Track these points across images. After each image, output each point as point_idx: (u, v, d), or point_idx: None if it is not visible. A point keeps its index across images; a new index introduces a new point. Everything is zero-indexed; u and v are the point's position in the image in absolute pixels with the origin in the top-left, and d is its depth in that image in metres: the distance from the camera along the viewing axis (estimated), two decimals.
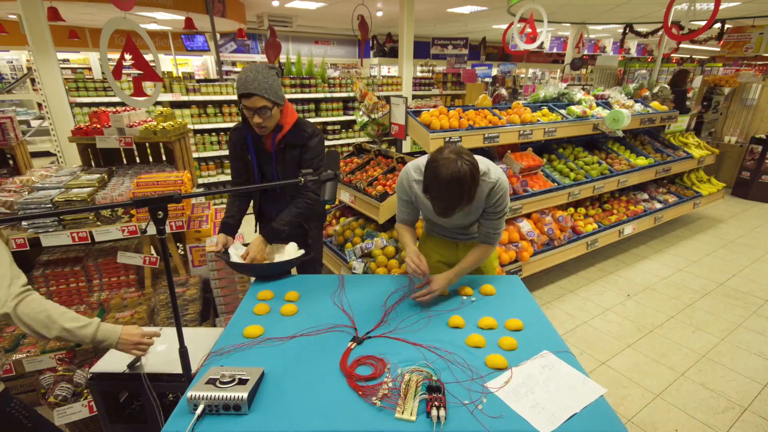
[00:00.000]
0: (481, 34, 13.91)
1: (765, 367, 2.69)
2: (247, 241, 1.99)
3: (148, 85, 3.39)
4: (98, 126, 2.83)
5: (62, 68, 8.29)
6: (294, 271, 2.20)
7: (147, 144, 3.17)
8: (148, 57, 3.45)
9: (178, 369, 1.45)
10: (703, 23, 4.27)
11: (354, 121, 6.28)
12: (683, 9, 4.50)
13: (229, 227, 2.02)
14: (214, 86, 5.05)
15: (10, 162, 2.98)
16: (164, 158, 3.32)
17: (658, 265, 4.11)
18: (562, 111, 3.95)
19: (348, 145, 6.40)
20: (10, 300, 1.18)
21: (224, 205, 2.18)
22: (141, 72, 3.23)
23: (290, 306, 1.59)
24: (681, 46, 12.96)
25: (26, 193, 2.18)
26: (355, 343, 1.36)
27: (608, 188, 3.94)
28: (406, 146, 4.29)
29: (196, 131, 5.08)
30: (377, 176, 3.09)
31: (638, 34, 9.15)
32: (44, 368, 2.05)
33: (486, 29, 12.92)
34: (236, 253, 1.87)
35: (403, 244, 1.79)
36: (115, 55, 11.74)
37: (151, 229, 2.21)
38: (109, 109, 3.26)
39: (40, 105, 8.83)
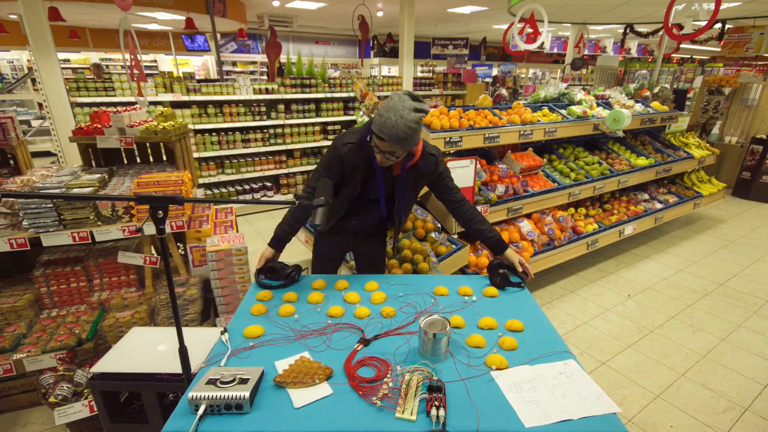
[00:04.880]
0: (481, 34, 13.92)
1: (765, 367, 2.69)
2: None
3: (147, 86, 3.39)
4: (99, 126, 2.83)
5: (63, 68, 8.30)
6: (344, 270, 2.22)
7: (147, 144, 3.17)
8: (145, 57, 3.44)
9: (178, 369, 1.45)
10: (704, 23, 4.27)
11: (354, 121, 6.28)
12: (683, 9, 4.50)
13: (279, 240, 1.86)
14: (214, 86, 5.06)
15: (11, 162, 2.99)
16: (165, 158, 3.32)
17: (658, 266, 4.11)
18: (563, 111, 3.95)
19: None
20: None
21: (229, 206, 2.04)
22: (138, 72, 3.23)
23: (289, 306, 1.59)
24: (681, 46, 12.95)
25: None
26: (361, 345, 1.36)
27: (609, 188, 3.94)
28: None
29: (196, 131, 5.08)
30: None
31: (639, 34, 9.16)
32: (44, 368, 2.05)
33: (486, 29, 12.93)
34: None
35: None
36: (114, 56, 11.76)
37: (150, 229, 2.21)
38: (109, 109, 3.26)
39: (40, 105, 8.85)
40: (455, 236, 3.00)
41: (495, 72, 9.81)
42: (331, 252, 2.11)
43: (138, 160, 3.23)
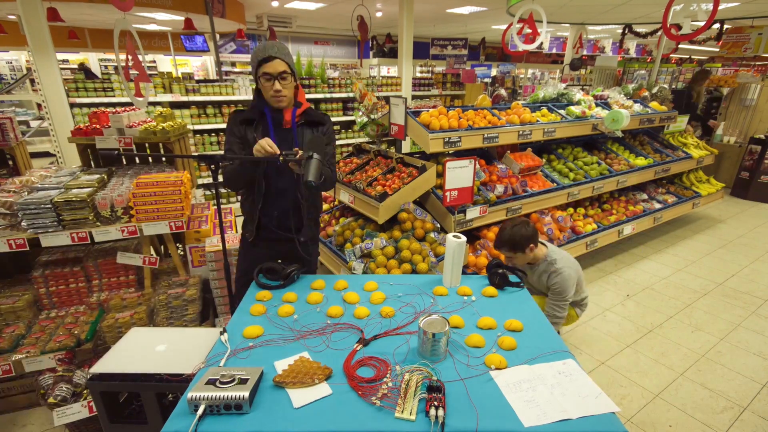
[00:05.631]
0: (480, 34, 13.92)
1: (764, 366, 2.69)
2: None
3: (145, 86, 3.39)
4: (98, 126, 2.83)
5: (61, 69, 8.28)
6: None
7: (146, 144, 3.17)
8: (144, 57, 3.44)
9: (177, 369, 1.45)
10: (702, 23, 4.28)
11: (353, 122, 6.28)
12: (682, 9, 4.51)
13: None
14: (213, 87, 5.06)
15: (10, 162, 2.98)
16: (164, 159, 3.32)
17: (657, 265, 4.12)
18: (562, 111, 3.96)
19: (348, 145, 6.40)
20: None
21: (229, 206, 2.08)
22: (137, 72, 3.23)
23: (288, 306, 1.59)
24: (680, 46, 12.98)
25: (26, 193, 2.18)
26: (360, 345, 1.36)
27: (607, 188, 3.95)
28: (406, 146, 4.29)
29: (195, 131, 5.08)
30: (377, 176, 3.09)
31: (637, 34, 9.17)
32: (44, 369, 2.05)
33: (485, 30, 12.94)
34: None
35: None
36: (112, 56, 11.79)
37: (150, 230, 2.21)
38: (108, 110, 3.26)
39: (39, 105, 8.83)
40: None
41: (494, 72, 9.80)
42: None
43: (137, 160, 3.23)
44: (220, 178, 1.86)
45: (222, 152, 5.21)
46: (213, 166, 1.70)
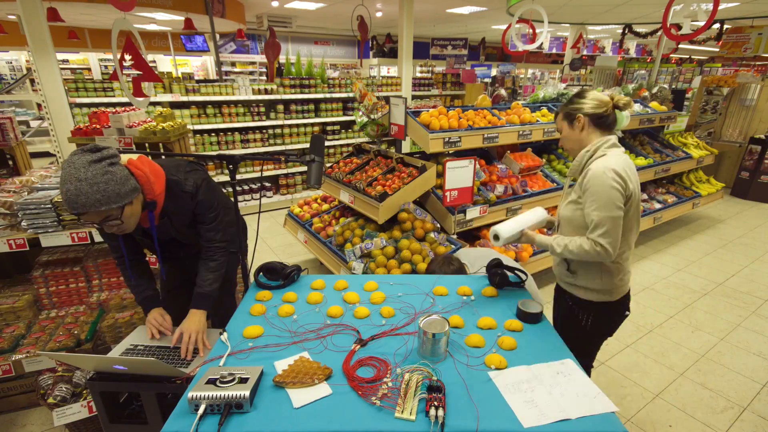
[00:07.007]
0: (480, 34, 13.93)
1: (764, 366, 2.69)
2: None
3: (147, 86, 3.39)
4: (98, 126, 2.84)
5: (61, 69, 8.30)
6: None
7: (146, 144, 3.17)
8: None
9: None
10: (702, 23, 4.28)
11: (353, 122, 6.28)
12: (682, 9, 4.52)
13: (156, 299, 1.75)
14: (213, 87, 5.06)
15: (10, 162, 2.98)
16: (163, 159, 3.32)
17: (657, 265, 4.12)
18: None
19: (347, 145, 6.40)
20: None
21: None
22: (140, 72, 3.23)
23: (288, 306, 1.59)
24: (680, 46, 12.99)
25: (26, 193, 2.18)
26: (359, 345, 1.36)
27: None
28: (406, 146, 4.28)
29: (195, 131, 5.08)
30: (377, 176, 3.09)
31: (637, 34, 9.18)
32: (44, 369, 2.05)
33: (485, 29, 12.94)
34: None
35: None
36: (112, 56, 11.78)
37: None
38: (108, 110, 3.26)
39: (39, 105, 8.84)
40: (454, 236, 3.00)
41: (494, 72, 9.80)
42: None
43: None
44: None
45: (217, 152, 5.20)
46: (231, 165, 1.69)
